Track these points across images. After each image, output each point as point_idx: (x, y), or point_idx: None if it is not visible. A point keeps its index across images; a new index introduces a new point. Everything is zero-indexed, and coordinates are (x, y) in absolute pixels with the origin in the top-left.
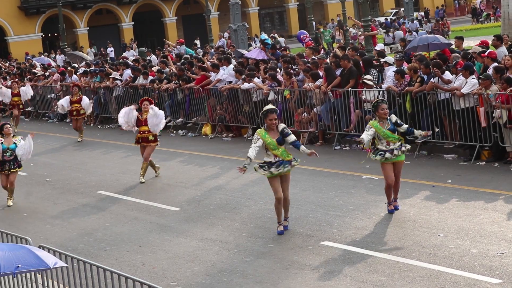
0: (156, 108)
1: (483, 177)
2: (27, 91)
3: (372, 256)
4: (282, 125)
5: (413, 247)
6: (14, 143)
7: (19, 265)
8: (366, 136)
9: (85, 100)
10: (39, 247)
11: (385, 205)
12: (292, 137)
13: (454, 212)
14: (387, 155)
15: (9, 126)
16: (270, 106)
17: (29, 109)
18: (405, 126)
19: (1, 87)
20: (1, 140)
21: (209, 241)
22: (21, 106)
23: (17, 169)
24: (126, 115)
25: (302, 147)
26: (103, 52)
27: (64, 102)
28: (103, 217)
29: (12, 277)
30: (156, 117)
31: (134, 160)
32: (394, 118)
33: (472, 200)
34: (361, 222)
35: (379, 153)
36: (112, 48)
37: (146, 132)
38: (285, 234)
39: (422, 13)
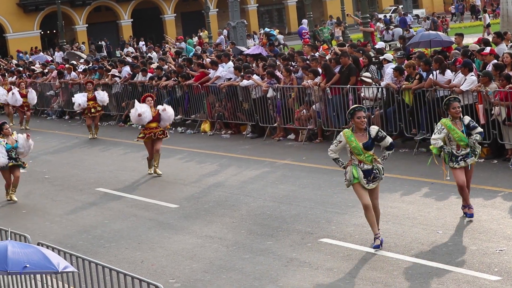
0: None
1: (482, 174)
2: (33, 96)
3: (371, 253)
4: (375, 128)
5: (412, 244)
6: (16, 140)
7: (27, 265)
8: (437, 141)
9: (99, 95)
10: (38, 244)
11: (383, 202)
12: (388, 140)
13: (453, 209)
14: (462, 163)
15: (8, 126)
16: (356, 105)
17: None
18: (479, 129)
19: (13, 92)
20: (4, 140)
21: (208, 238)
22: (26, 109)
23: (20, 162)
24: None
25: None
26: (135, 46)
27: (80, 100)
28: (102, 214)
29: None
30: (167, 112)
31: (133, 157)
32: (467, 119)
33: (471, 197)
34: (360, 219)
35: (451, 158)
36: (143, 42)
37: (154, 128)
38: (283, 231)
39: (454, 6)
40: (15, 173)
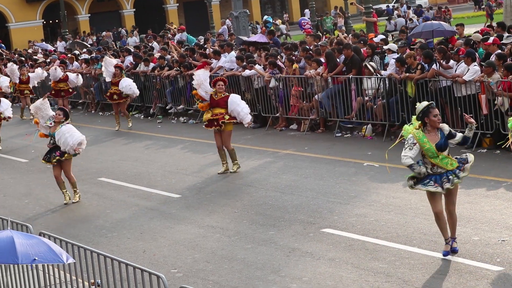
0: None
1: (484, 164)
2: (75, 79)
3: (373, 244)
4: (446, 125)
5: (414, 235)
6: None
7: (36, 258)
8: None
9: (124, 82)
10: (40, 234)
11: (386, 193)
12: (460, 135)
13: None
14: None
15: (61, 113)
16: (427, 102)
17: (30, 96)
18: None
19: (55, 68)
20: (52, 123)
21: (210, 228)
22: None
23: (57, 158)
24: (205, 76)
25: (460, 135)
26: (172, 35)
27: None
28: (104, 204)
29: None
30: (238, 105)
31: (135, 147)
32: None
33: (473, 187)
34: (362, 209)
35: None
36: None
37: (218, 114)
38: (286, 221)
39: None
40: (64, 167)
